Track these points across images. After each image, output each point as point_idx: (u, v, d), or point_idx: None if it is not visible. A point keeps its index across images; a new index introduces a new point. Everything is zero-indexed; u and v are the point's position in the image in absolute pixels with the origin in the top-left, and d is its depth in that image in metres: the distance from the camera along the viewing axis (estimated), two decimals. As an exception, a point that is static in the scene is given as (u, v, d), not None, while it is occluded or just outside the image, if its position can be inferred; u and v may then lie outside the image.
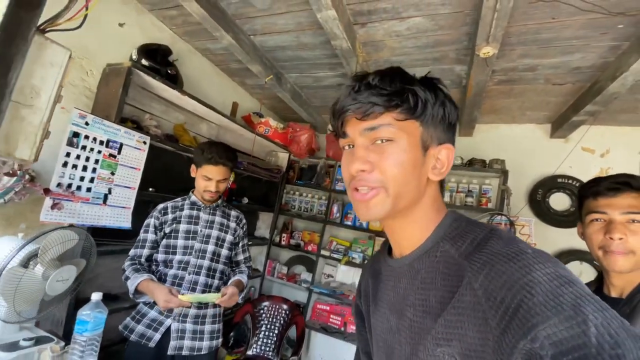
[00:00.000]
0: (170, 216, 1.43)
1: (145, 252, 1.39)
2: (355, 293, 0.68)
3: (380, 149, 0.47)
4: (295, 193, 3.20)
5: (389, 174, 0.46)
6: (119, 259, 1.58)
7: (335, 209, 2.92)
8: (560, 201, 2.39)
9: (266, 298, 2.57)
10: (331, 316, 2.77)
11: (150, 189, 1.77)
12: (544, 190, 2.42)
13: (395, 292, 0.51)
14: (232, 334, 2.37)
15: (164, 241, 1.40)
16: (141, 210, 1.63)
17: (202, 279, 1.41)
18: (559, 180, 2.38)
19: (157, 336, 1.31)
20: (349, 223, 2.83)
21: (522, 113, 2.39)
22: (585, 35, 1.45)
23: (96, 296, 1.03)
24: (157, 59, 1.75)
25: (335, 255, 2.84)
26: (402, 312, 0.49)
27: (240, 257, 1.60)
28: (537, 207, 2.42)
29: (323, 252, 2.90)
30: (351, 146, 0.50)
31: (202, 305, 1.40)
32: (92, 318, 0.99)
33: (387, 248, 0.58)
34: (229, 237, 1.52)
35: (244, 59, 1.98)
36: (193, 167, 1.47)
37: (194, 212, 1.46)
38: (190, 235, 1.42)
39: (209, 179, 1.41)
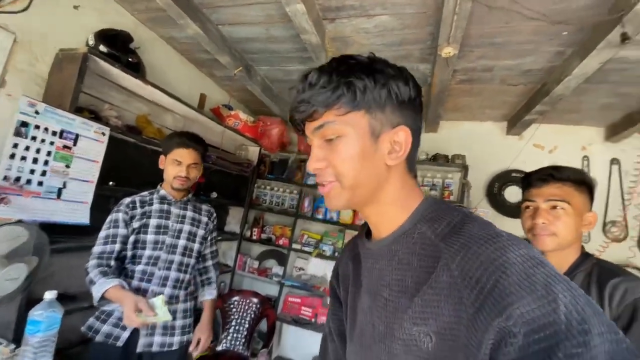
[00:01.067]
0: (139, 210, 1.37)
1: (117, 247, 1.31)
2: (332, 274, 0.70)
3: (330, 146, 0.48)
4: (266, 187, 3.19)
5: (339, 169, 0.48)
6: (77, 256, 1.50)
7: (306, 203, 2.95)
8: (514, 194, 2.58)
9: (236, 293, 2.55)
10: (302, 308, 2.81)
11: (111, 183, 1.69)
12: (500, 184, 2.59)
13: (372, 273, 0.52)
14: (201, 330, 2.34)
15: (132, 237, 1.35)
16: (101, 206, 1.55)
17: (173, 274, 1.39)
18: (513, 174, 2.57)
19: (126, 334, 1.27)
20: (320, 217, 2.87)
21: (481, 111, 2.54)
22: (535, 40, 1.57)
23: (50, 295, 0.98)
24: (116, 45, 1.66)
25: (306, 249, 2.87)
26: (378, 292, 0.50)
27: (208, 251, 1.58)
28: (494, 199, 2.60)
29: (294, 245, 2.92)
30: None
31: (172, 301, 1.37)
32: (45, 318, 0.94)
33: (365, 232, 0.59)
34: (200, 232, 1.50)
35: (212, 49, 1.93)
36: (162, 157, 1.42)
37: (165, 207, 1.42)
38: (162, 230, 1.38)
39: (179, 162, 1.37)
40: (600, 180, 2.36)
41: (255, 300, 2.50)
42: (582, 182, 0.89)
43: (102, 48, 1.59)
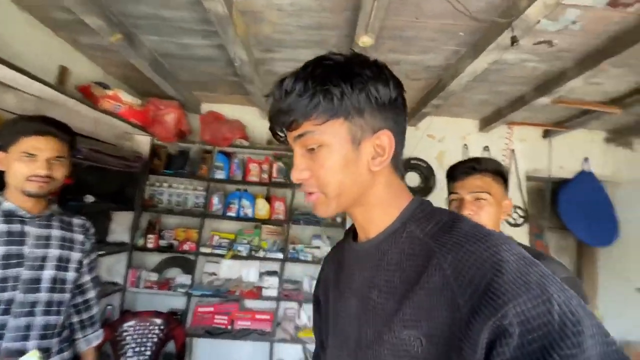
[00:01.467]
0: None
1: None
2: (315, 286, 0.69)
3: (312, 156, 0.48)
4: (162, 185, 2.70)
5: (322, 180, 0.47)
6: None
7: (215, 200, 2.62)
8: (412, 179, 2.85)
9: (131, 316, 2.10)
10: (216, 316, 2.53)
11: None
12: (403, 171, 2.84)
13: (360, 275, 0.51)
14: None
15: None
16: None
17: (39, 319, 1.00)
18: (412, 162, 2.83)
19: None
20: (233, 214, 2.60)
21: (386, 103, 2.68)
22: (438, 38, 1.68)
23: None
24: None
25: (217, 251, 2.58)
26: (366, 294, 0.48)
27: (87, 278, 1.20)
28: (398, 185, 2.83)
29: (203, 249, 2.58)
30: None
31: (43, 356, 0.97)
32: None
33: (352, 234, 0.58)
34: (75, 255, 1.12)
35: (75, 7, 1.43)
36: (0, 154, 0.99)
37: (15, 227, 0.99)
38: (14, 262, 0.97)
39: (32, 155, 0.98)
40: (476, 165, 2.82)
41: (157, 321, 2.11)
42: (498, 172, 0.96)
43: None
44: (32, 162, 0.98)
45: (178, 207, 2.67)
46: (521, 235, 2.72)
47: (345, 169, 0.47)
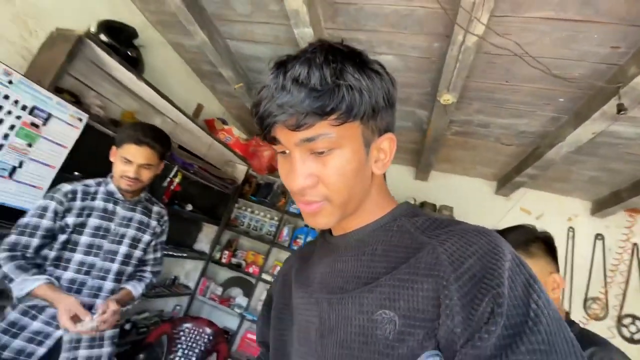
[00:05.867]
0: (78, 204, 1.17)
1: (35, 242, 1.09)
2: (271, 284, 0.64)
3: (321, 160, 0.41)
4: (247, 209, 3.05)
5: (333, 187, 0.42)
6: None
7: (285, 231, 2.81)
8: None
9: (190, 319, 2.30)
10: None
11: (76, 173, 1.55)
12: (485, 243, 2.53)
13: (333, 267, 0.47)
14: (141, 355, 2.06)
15: (62, 236, 1.13)
16: (57, 194, 1.40)
17: (108, 284, 1.21)
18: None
19: (42, 351, 1.07)
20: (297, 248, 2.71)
21: (473, 166, 2.55)
22: (532, 102, 1.60)
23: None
24: (118, 38, 1.63)
25: (276, 281, 2.67)
26: (340, 285, 0.44)
27: (150, 256, 1.37)
28: (477, 258, 2.51)
29: (265, 275, 2.72)
30: (287, 152, 0.43)
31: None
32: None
33: (327, 230, 0.54)
34: (146, 237, 1.32)
35: (216, 60, 1.93)
36: (113, 149, 1.23)
37: (110, 206, 1.23)
38: (101, 233, 1.20)
39: (127, 161, 1.18)
40: (583, 255, 2.32)
41: (208, 330, 2.25)
42: (549, 244, 0.82)
43: (102, 37, 1.56)
44: (127, 165, 1.18)
45: (254, 231, 2.95)
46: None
47: (359, 175, 0.43)
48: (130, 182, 1.20)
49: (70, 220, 1.15)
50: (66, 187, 1.18)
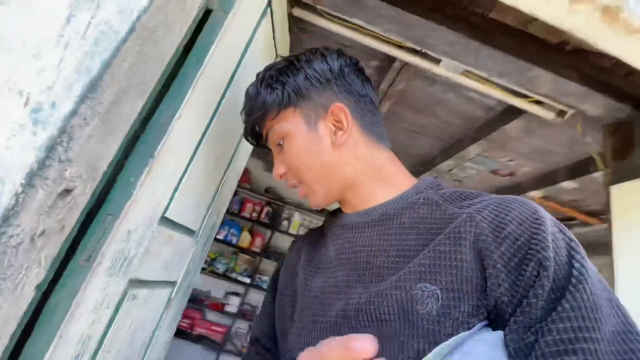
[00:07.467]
0: None
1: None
2: (274, 272, 0.61)
3: (282, 151, 0.51)
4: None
5: (295, 169, 0.49)
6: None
7: (210, 223, 3.26)
8: None
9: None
10: (183, 319, 2.97)
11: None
12: None
13: (354, 242, 0.46)
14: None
15: None
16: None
17: None
18: None
19: None
20: (221, 237, 3.23)
21: None
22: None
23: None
24: None
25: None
26: (366, 260, 0.43)
27: None
28: None
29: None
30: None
31: None
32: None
33: (336, 210, 0.55)
34: None
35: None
36: None
37: None
38: None
39: None
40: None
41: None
42: None
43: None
44: None
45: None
46: None
47: (309, 152, 0.47)
48: None
49: None
50: None
